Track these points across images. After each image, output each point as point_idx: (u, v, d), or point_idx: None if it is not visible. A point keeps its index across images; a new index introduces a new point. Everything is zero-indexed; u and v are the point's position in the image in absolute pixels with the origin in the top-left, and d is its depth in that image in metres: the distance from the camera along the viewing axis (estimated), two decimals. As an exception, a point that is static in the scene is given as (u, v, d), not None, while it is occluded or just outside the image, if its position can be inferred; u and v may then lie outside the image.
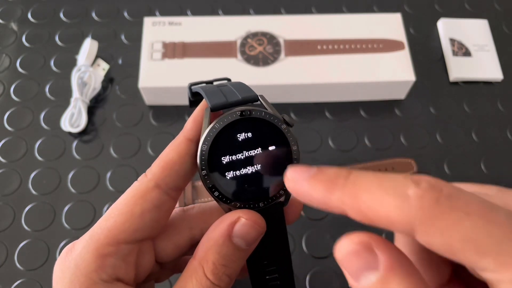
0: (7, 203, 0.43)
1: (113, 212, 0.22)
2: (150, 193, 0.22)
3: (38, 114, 0.49)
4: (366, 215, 0.15)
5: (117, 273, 0.21)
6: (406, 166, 0.46)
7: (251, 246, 0.21)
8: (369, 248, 0.16)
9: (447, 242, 0.14)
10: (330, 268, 0.41)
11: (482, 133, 0.49)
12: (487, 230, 0.14)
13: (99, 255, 0.21)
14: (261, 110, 0.22)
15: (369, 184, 0.15)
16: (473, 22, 0.55)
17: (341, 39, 0.50)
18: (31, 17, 0.55)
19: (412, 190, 0.15)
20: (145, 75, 0.47)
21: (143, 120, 0.48)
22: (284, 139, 0.22)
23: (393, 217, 0.15)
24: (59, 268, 0.21)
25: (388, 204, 0.15)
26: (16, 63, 0.52)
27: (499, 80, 0.52)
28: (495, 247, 0.14)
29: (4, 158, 0.46)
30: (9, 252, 0.41)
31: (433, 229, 0.14)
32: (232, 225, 0.21)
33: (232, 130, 0.21)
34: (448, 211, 0.14)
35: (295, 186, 0.18)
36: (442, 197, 0.14)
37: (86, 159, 0.46)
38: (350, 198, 0.16)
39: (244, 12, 0.56)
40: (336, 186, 0.16)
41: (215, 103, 0.21)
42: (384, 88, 0.49)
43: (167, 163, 0.22)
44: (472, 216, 0.14)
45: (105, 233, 0.21)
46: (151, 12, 0.56)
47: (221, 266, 0.21)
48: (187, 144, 0.22)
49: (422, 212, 0.14)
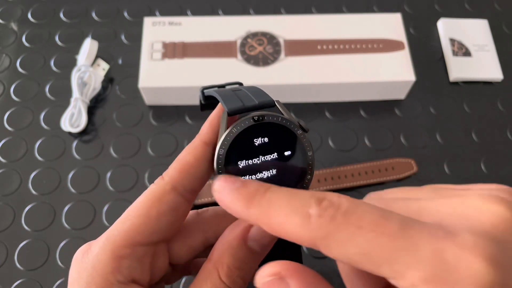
0: (7, 203, 0.43)
1: (130, 214, 0.22)
2: (167, 195, 0.22)
3: (38, 114, 0.49)
4: (276, 231, 0.17)
5: (133, 275, 0.21)
6: (406, 166, 0.46)
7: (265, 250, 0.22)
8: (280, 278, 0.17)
9: (345, 256, 0.15)
10: (330, 268, 0.41)
11: (482, 133, 0.49)
12: (378, 242, 0.14)
13: (115, 256, 0.21)
14: (278, 115, 0.22)
15: (280, 202, 0.17)
16: (473, 22, 0.55)
17: (341, 39, 0.50)
18: (31, 17, 0.55)
19: (314, 209, 0.16)
20: (145, 75, 0.47)
21: (143, 120, 0.48)
22: (300, 144, 0.22)
23: (298, 234, 0.16)
24: (76, 270, 0.21)
25: (293, 222, 0.16)
26: (16, 63, 0.52)
27: (499, 80, 0.52)
28: (387, 257, 0.14)
29: (4, 158, 0.46)
30: (9, 252, 0.41)
31: (332, 245, 0.15)
32: (248, 229, 0.21)
33: (248, 135, 0.21)
34: (342, 227, 0.15)
35: (219, 196, 0.19)
36: (338, 214, 0.15)
37: (86, 159, 0.46)
38: (263, 214, 0.17)
39: (244, 12, 0.56)
40: (252, 202, 0.17)
41: (232, 108, 0.22)
42: (384, 88, 0.49)
43: (184, 166, 0.22)
44: (364, 230, 0.15)
45: (122, 235, 0.21)
46: (151, 12, 0.56)
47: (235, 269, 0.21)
48: (203, 148, 0.22)
49: (320, 230, 0.15)
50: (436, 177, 0.46)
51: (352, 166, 0.45)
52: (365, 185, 0.45)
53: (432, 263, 0.14)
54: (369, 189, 0.45)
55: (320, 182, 0.44)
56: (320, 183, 0.44)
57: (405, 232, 0.14)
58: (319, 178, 0.44)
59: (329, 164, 0.46)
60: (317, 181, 0.44)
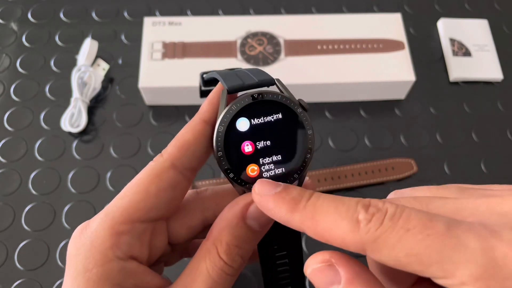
0: (7, 203, 0.43)
1: (129, 190, 0.22)
2: (166, 172, 0.22)
3: (38, 114, 0.49)
4: (323, 236, 0.17)
5: (132, 251, 0.21)
6: (406, 166, 0.46)
7: (264, 228, 0.22)
8: (330, 265, 0.18)
9: (394, 258, 0.16)
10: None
11: (482, 133, 0.49)
12: (427, 243, 0.15)
13: (114, 232, 0.21)
14: (278, 93, 0.22)
15: (326, 209, 0.17)
16: (473, 22, 0.55)
17: (341, 39, 0.50)
18: (31, 17, 0.55)
19: (362, 215, 0.16)
20: (145, 75, 0.47)
21: (143, 120, 0.48)
22: (300, 122, 0.22)
23: (347, 239, 0.16)
24: (74, 246, 0.21)
25: (342, 228, 0.17)
26: (16, 63, 0.52)
27: (499, 80, 0.52)
28: (436, 257, 0.15)
29: (4, 158, 0.46)
30: (9, 252, 0.41)
31: (381, 248, 0.16)
32: (247, 207, 0.21)
33: (248, 113, 0.21)
34: (391, 231, 0.16)
35: (261, 201, 0.19)
36: (386, 219, 0.16)
37: (86, 159, 0.46)
38: (309, 220, 0.18)
39: (244, 12, 0.56)
40: (297, 207, 0.18)
41: (231, 85, 0.21)
42: (384, 88, 0.49)
43: (183, 144, 0.22)
44: (412, 232, 0.15)
45: (121, 211, 0.21)
46: (151, 12, 0.56)
47: (234, 247, 0.21)
48: (202, 126, 0.22)
49: (369, 235, 0.16)
50: (436, 177, 0.46)
51: (352, 166, 0.45)
52: (365, 185, 0.45)
53: (481, 261, 0.14)
54: (369, 189, 0.45)
55: (320, 182, 0.44)
56: (320, 183, 0.44)
57: (452, 232, 0.15)
58: (319, 178, 0.44)
59: (329, 164, 0.46)
60: (317, 181, 0.44)
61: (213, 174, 0.45)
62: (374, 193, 0.45)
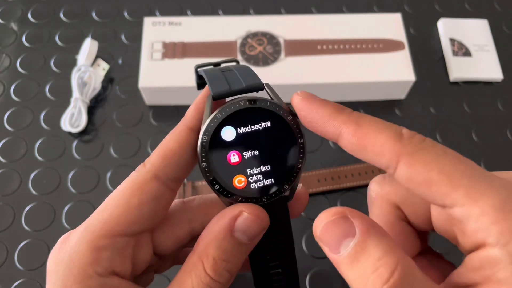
0: (7, 203, 0.43)
1: (110, 203, 0.21)
2: (148, 184, 0.21)
3: (38, 114, 0.49)
4: (361, 139, 0.18)
5: (113, 267, 0.20)
6: (406, 166, 0.46)
7: (253, 241, 0.21)
8: (345, 217, 0.18)
9: (426, 172, 0.17)
10: (330, 268, 0.41)
11: (482, 133, 0.49)
12: (460, 167, 0.17)
13: (94, 247, 0.20)
14: (266, 100, 0.21)
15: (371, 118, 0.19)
16: (473, 22, 0.55)
17: (341, 39, 0.50)
18: (31, 17, 0.55)
19: (405, 130, 0.18)
20: (145, 75, 0.47)
21: (143, 120, 0.48)
22: (290, 131, 0.21)
23: (386, 145, 0.17)
24: (53, 260, 0.20)
25: (386, 134, 0.18)
26: (16, 63, 0.52)
27: (499, 80, 0.52)
28: (466, 181, 0.16)
29: (4, 158, 0.46)
30: (9, 252, 0.41)
31: (417, 160, 0.17)
32: (234, 219, 0.20)
33: (234, 121, 0.20)
34: (431, 148, 0.17)
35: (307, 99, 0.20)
36: (427, 140, 0.18)
37: (86, 159, 0.46)
38: (352, 122, 0.19)
39: (244, 12, 0.56)
40: (343, 110, 0.20)
41: (217, 91, 0.20)
42: (384, 88, 0.49)
43: (167, 153, 0.21)
44: (449, 155, 0.17)
45: (101, 225, 0.20)
46: (151, 12, 0.56)
47: (221, 261, 0.20)
48: (188, 133, 0.21)
49: (411, 146, 0.17)
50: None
51: (352, 166, 0.45)
52: (365, 185, 0.45)
53: (504, 192, 0.16)
54: (369, 189, 0.45)
55: (320, 182, 0.44)
56: (320, 183, 0.44)
57: (484, 170, 0.17)
58: (319, 178, 0.44)
59: (329, 164, 0.46)
60: (317, 181, 0.44)
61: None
62: (374, 193, 0.45)
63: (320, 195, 0.44)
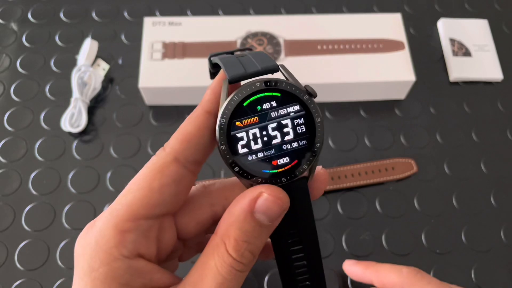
0: (7, 203, 0.43)
1: (132, 187, 0.21)
2: (169, 167, 0.21)
3: (38, 114, 0.49)
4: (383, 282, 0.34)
5: (138, 249, 0.21)
6: (406, 166, 0.46)
7: (274, 222, 0.21)
8: None
9: None
10: (330, 268, 0.41)
11: (482, 133, 0.49)
12: None
13: (118, 231, 0.20)
14: (282, 81, 0.21)
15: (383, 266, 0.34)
16: (473, 22, 0.55)
17: (341, 39, 0.50)
18: (31, 17, 0.55)
19: (405, 269, 0.33)
20: (145, 75, 0.47)
21: (143, 120, 0.48)
22: (307, 111, 0.21)
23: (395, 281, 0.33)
24: (80, 245, 0.21)
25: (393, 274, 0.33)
26: (16, 63, 0.52)
27: (499, 80, 0.52)
28: None
29: (4, 158, 0.46)
30: (9, 252, 0.41)
31: None
32: (254, 201, 0.20)
33: (251, 102, 0.20)
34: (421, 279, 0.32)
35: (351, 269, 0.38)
36: (419, 273, 0.33)
37: (86, 159, 0.46)
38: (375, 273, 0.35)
39: (244, 12, 0.56)
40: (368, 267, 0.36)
41: (233, 75, 0.20)
42: (384, 88, 0.49)
43: (185, 136, 0.21)
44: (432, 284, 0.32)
45: (124, 209, 0.21)
46: (151, 12, 0.56)
47: (243, 242, 0.20)
48: (205, 117, 0.21)
49: (408, 279, 0.32)
50: (436, 177, 0.46)
51: (352, 166, 0.45)
52: (365, 185, 0.45)
53: None
54: (369, 189, 0.45)
55: (320, 182, 0.44)
56: (320, 183, 0.44)
57: None
58: (319, 178, 0.44)
59: (329, 164, 0.46)
60: (317, 181, 0.44)
61: (213, 174, 0.45)
62: (374, 193, 0.45)
63: (320, 195, 0.44)
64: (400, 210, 0.44)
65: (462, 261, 0.42)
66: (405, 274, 0.32)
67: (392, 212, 0.44)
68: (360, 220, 0.44)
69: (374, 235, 0.43)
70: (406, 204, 0.44)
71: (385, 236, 0.43)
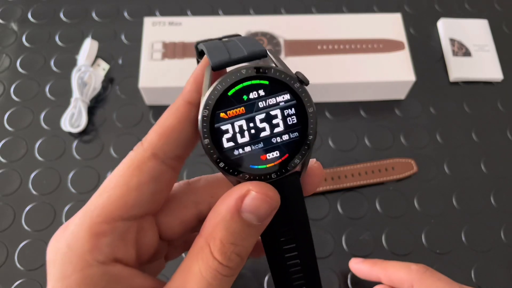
0: (7, 203, 0.43)
1: (107, 185, 0.19)
2: (147, 163, 0.19)
3: (38, 114, 0.49)
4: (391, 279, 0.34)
5: (115, 253, 0.19)
6: (406, 166, 0.46)
7: (263, 222, 0.19)
8: None
9: None
10: (330, 268, 0.41)
11: (482, 133, 0.49)
12: None
13: (93, 234, 0.18)
14: (270, 67, 0.19)
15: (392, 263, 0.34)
16: (473, 22, 0.55)
17: (341, 39, 0.50)
18: (31, 17, 0.55)
19: (414, 266, 0.33)
20: (145, 75, 0.47)
21: (143, 120, 0.48)
22: (299, 100, 0.19)
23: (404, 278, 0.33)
24: (52, 250, 0.19)
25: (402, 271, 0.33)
26: (16, 63, 0.52)
27: (499, 80, 0.52)
28: None
29: (4, 158, 0.46)
30: (9, 252, 0.41)
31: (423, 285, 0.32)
32: (241, 199, 0.18)
33: (237, 91, 0.18)
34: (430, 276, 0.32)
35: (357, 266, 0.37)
36: (428, 270, 0.33)
37: (86, 159, 0.46)
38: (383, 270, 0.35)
39: (244, 12, 0.56)
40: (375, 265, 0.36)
41: (216, 61, 0.19)
42: (384, 88, 0.49)
43: (165, 130, 0.19)
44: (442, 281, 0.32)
45: (99, 210, 0.19)
46: (151, 12, 0.56)
47: (229, 244, 0.18)
48: (187, 108, 0.19)
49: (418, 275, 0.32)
50: (436, 177, 0.46)
51: (352, 166, 0.45)
52: (365, 185, 0.45)
53: None
54: (369, 189, 0.45)
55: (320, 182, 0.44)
56: (320, 183, 0.44)
57: None
58: (319, 178, 0.44)
59: (329, 164, 0.46)
60: (317, 181, 0.44)
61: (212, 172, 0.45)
62: (374, 193, 0.45)
63: (320, 195, 0.44)
64: (400, 210, 0.44)
65: (462, 261, 0.42)
66: (414, 271, 0.32)
67: (392, 212, 0.44)
68: (360, 220, 0.44)
69: (374, 235, 0.43)
70: (406, 204, 0.44)
71: (385, 236, 0.43)
